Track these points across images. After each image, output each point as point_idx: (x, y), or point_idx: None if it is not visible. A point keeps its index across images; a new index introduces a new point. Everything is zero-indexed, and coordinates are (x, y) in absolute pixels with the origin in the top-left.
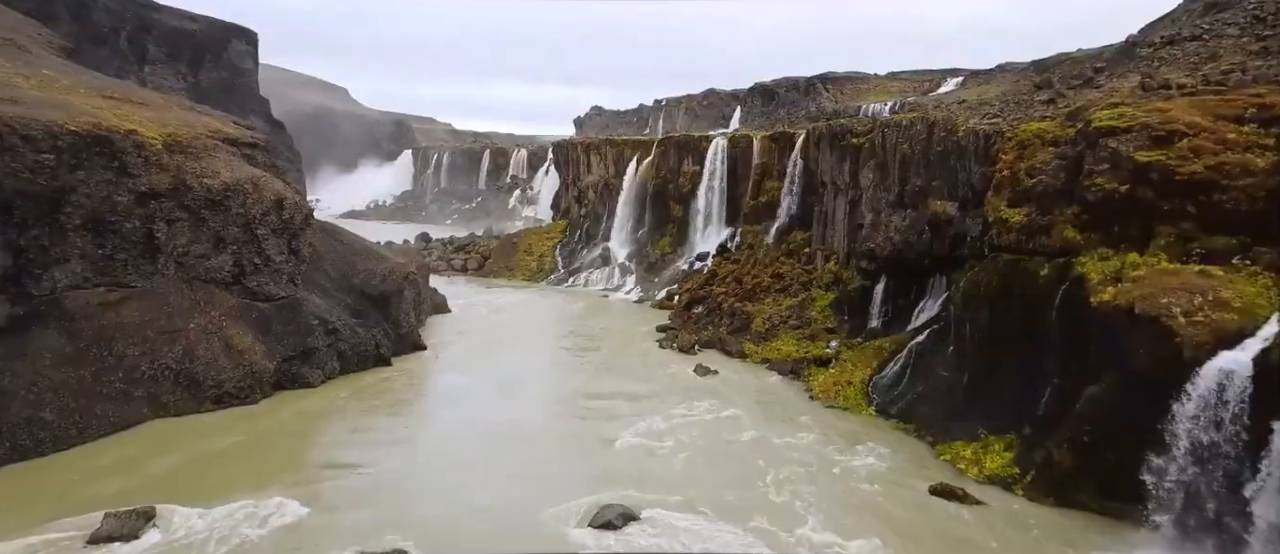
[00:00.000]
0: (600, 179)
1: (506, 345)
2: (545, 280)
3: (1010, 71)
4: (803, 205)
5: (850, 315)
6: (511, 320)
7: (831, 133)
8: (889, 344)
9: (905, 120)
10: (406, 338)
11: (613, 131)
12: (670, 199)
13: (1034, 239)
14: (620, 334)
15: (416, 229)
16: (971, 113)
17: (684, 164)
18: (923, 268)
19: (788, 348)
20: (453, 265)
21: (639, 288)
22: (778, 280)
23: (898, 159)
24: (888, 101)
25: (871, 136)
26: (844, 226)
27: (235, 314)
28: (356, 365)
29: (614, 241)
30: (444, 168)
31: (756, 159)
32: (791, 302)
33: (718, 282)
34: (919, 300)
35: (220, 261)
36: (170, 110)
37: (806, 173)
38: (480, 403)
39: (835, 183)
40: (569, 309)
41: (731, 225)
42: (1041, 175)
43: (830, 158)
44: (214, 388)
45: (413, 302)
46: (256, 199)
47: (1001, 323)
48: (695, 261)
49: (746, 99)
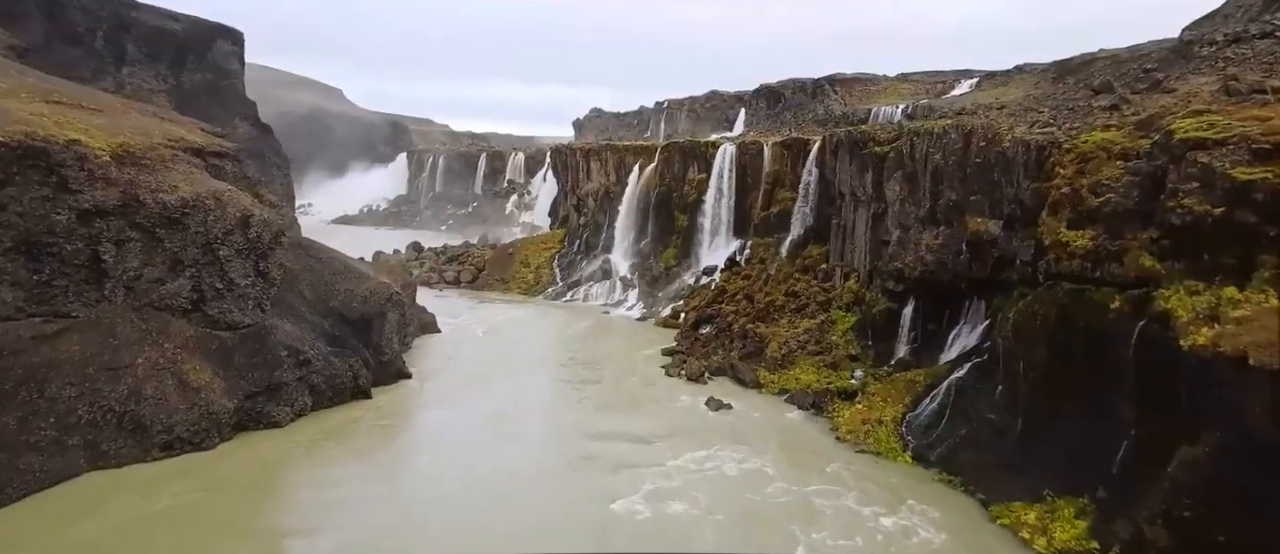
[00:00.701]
0: (600, 186)
1: (499, 372)
2: (542, 294)
3: (1029, 73)
4: (819, 217)
5: (875, 340)
6: (505, 342)
7: (851, 140)
8: (922, 377)
9: (937, 128)
10: (389, 365)
11: (612, 134)
12: (675, 208)
13: (1102, 266)
14: (623, 358)
15: (410, 235)
16: (1015, 120)
17: (689, 171)
18: (958, 291)
19: (807, 377)
20: (445, 277)
21: (642, 303)
22: (793, 299)
23: (929, 170)
24: (899, 104)
25: (897, 145)
26: (865, 242)
27: (192, 346)
28: (331, 399)
29: (615, 253)
30: (439, 171)
31: (767, 167)
32: (809, 324)
33: (727, 299)
34: (952, 326)
35: (177, 286)
36: (128, 116)
37: (823, 182)
38: (466, 446)
39: (855, 194)
40: (567, 328)
41: (741, 237)
42: (1110, 193)
43: (850, 167)
44: (163, 432)
45: (397, 325)
46: (219, 216)
47: (1062, 361)
48: (702, 276)
49: (751, 101)
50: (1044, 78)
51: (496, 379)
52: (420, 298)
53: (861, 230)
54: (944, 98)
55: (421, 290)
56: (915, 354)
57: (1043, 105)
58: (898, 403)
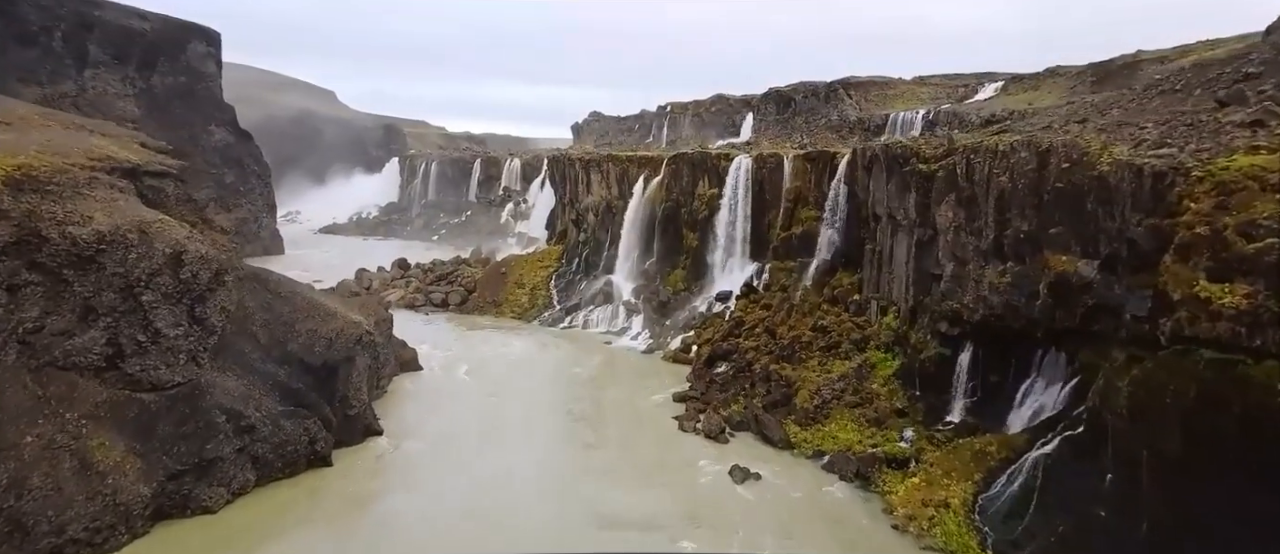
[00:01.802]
0: (602, 200)
1: (485, 427)
2: (538, 318)
3: (1063, 75)
4: (848, 241)
5: (924, 391)
6: (494, 385)
7: (889, 155)
8: (994, 447)
9: (1002, 144)
10: (356, 421)
11: (612, 138)
12: (683, 226)
13: (1264, 333)
14: (629, 408)
15: (400, 245)
16: (1109, 135)
17: (699, 185)
18: (1030, 339)
19: (847, 435)
20: (432, 299)
21: (648, 332)
22: (821, 335)
23: (993, 195)
24: (919, 109)
25: (949, 163)
26: (907, 273)
27: (104, 414)
28: (281, 470)
29: (618, 274)
30: (432, 178)
31: (788, 182)
32: (843, 367)
33: (745, 332)
34: (1021, 379)
35: (87, 340)
36: (46, 130)
37: (852, 202)
38: (441, 535)
39: (893, 217)
40: (565, 366)
41: (758, 260)
42: (1272, 237)
43: (887, 186)
44: (51, 534)
45: (368, 370)
46: (144, 253)
47: (1206, 452)
48: (714, 303)
49: (759, 105)
50: (1081, 81)
51: (482, 439)
52: (405, 322)
53: (902, 259)
54: (968, 103)
55: (406, 314)
56: (976, 411)
57: (1142, 119)
58: (964, 478)
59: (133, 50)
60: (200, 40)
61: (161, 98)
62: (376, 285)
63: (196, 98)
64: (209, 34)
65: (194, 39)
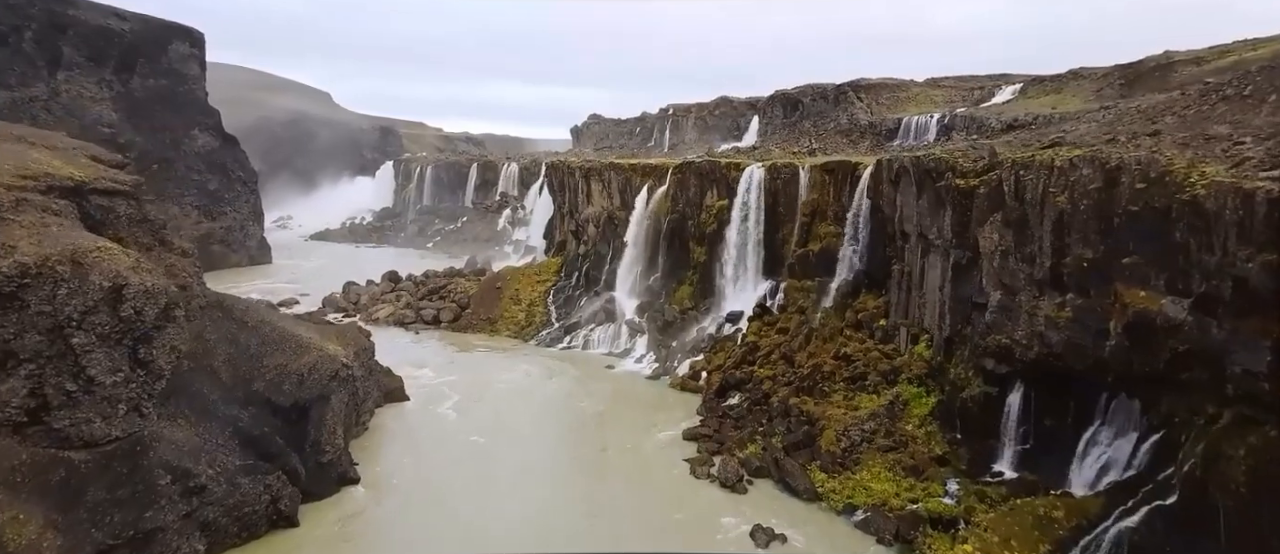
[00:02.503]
0: (603, 211)
1: (475, 474)
2: (535, 338)
3: (1087, 78)
4: (872, 260)
5: (967, 436)
6: (486, 419)
7: (920, 168)
8: (1062, 513)
9: (1059, 159)
10: (329, 469)
11: (612, 142)
12: (690, 239)
13: None
14: (635, 450)
15: (393, 253)
16: (1194, 151)
17: (707, 196)
18: (1096, 381)
19: (881, 486)
20: (423, 316)
21: (653, 354)
22: (845, 365)
23: (1049, 217)
24: (933, 112)
25: (991, 178)
26: (943, 299)
27: (21, 480)
28: (237, 536)
29: (620, 290)
30: (427, 182)
31: (804, 195)
32: (873, 402)
33: (759, 358)
34: (1083, 427)
35: (5, 391)
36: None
37: (877, 217)
38: None
39: (925, 236)
40: (564, 395)
41: (771, 277)
42: None
43: (917, 202)
44: None
45: (346, 408)
46: (76, 288)
47: None
48: (724, 323)
49: (765, 108)
50: (1108, 84)
51: (470, 491)
52: (394, 341)
53: (935, 282)
54: (985, 106)
55: (396, 332)
56: (1029, 462)
57: (1219, 130)
58: (1027, 549)
59: (110, 51)
60: (183, 41)
61: (141, 101)
62: (365, 300)
63: (179, 101)
64: (192, 34)
65: (176, 39)
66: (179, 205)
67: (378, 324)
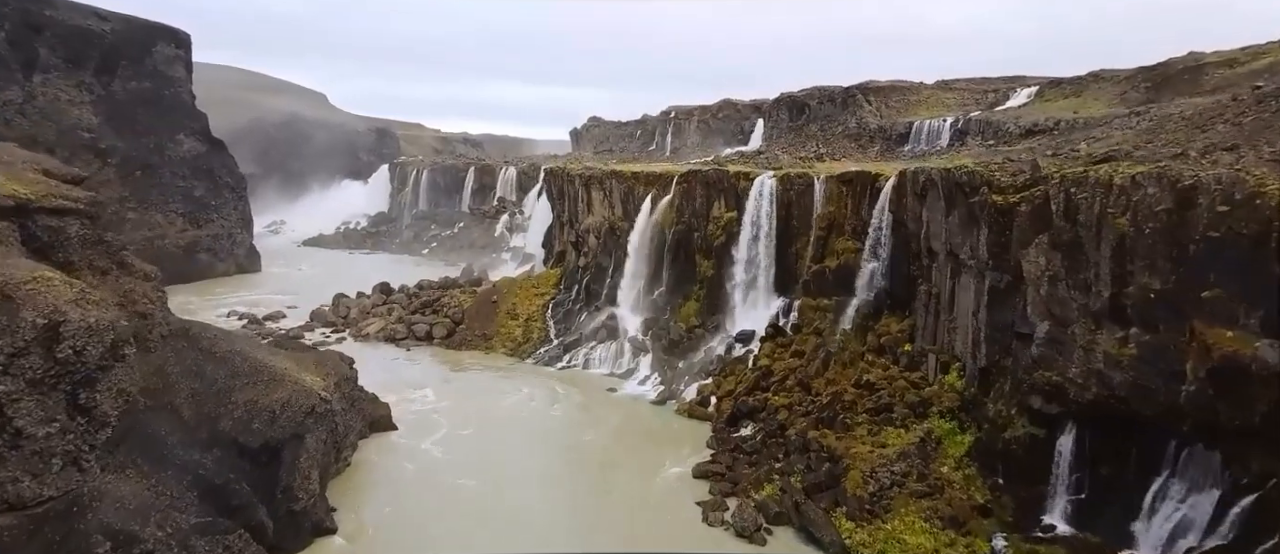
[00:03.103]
0: (604, 221)
1: (465, 522)
2: (532, 355)
3: (1109, 80)
4: (895, 278)
5: (1011, 481)
6: (479, 452)
7: (950, 182)
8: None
9: (1118, 175)
10: (303, 517)
11: (613, 145)
12: (696, 252)
13: None
14: (641, 490)
15: (388, 260)
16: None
17: (714, 206)
18: (1167, 427)
19: (918, 539)
20: (415, 332)
21: (657, 376)
22: (868, 394)
23: (1108, 241)
24: (946, 116)
25: (1035, 195)
26: (976, 324)
27: None
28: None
29: (622, 305)
30: (423, 186)
31: (820, 207)
32: (901, 439)
33: (774, 384)
34: (1148, 477)
35: None
36: None
37: (899, 232)
38: None
39: (956, 255)
40: (563, 423)
41: (784, 295)
42: None
43: (946, 218)
44: None
45: (322, 448)
46: (4, 326)
47: None
48: (734, 343)
49: (770, 111)
50: (1133, 87)
51: (461, 545)
52: (384, 358)
53: (968, 306)
54: (1000, 110)
55: (386, 349)
56: (1085, 516)
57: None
58: None
59: (90, 53)
60: (168, 42)
61: (123, 104)
62: (355, 314)
63: (163, 104)
64: (178, 35)
65: (161, 41)
66: (163, 213)
67: (368, 340)
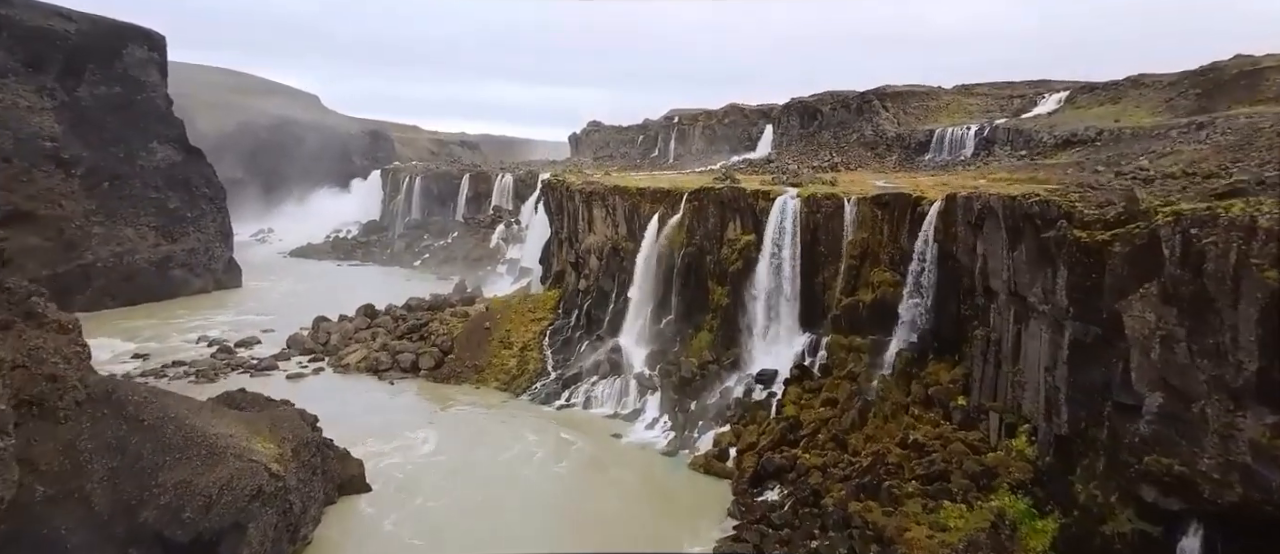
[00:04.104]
0: (607, 241)
1: None
2: (528, 390)
3: (1151, 85)
4: (942, 318)
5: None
6: (466, 523)
7: (1014, 211)
8: None
9: (1263, 216)
10: None
11: (613, 150)
12: (709, 277)
13: None
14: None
15: (377, 272)
16: None
17: (729, 227)
18: None
19: None
20: (399, 362)
21: (667, 419)
22: (917, 456)
23: (1253, 300)
24: (969, 124)
25: (1134, 232)
26: (1050, 382)
27: None
28: None
29: (627, 336)
30: (416, 194)
31: (851, 232)
32: (965, 520)
33: (804, 438)
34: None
35: None
36: None
37: (946, 265)
38: None
39: (1021, 297)
40: (563, 489)
41: (811, 330)
42: None
43: (1009, 253)
44: None
45: (273, 535)
46: None
47: None
48: (754, 384)
49: (780, 117)
50: (1179, 93)
51: None
52: (365, 392)
53: (1039, 358)
54: (1027, 117)
55: (368, 382)
56: None
57: None
58: None
59: (52, 56)
60: (140, 44)
61: (90, 111)
62: (335, 340)
63: (135, 110)
64: (152, 37)
65: (132, 42)
66: (134, 227)
67: (348, 371)
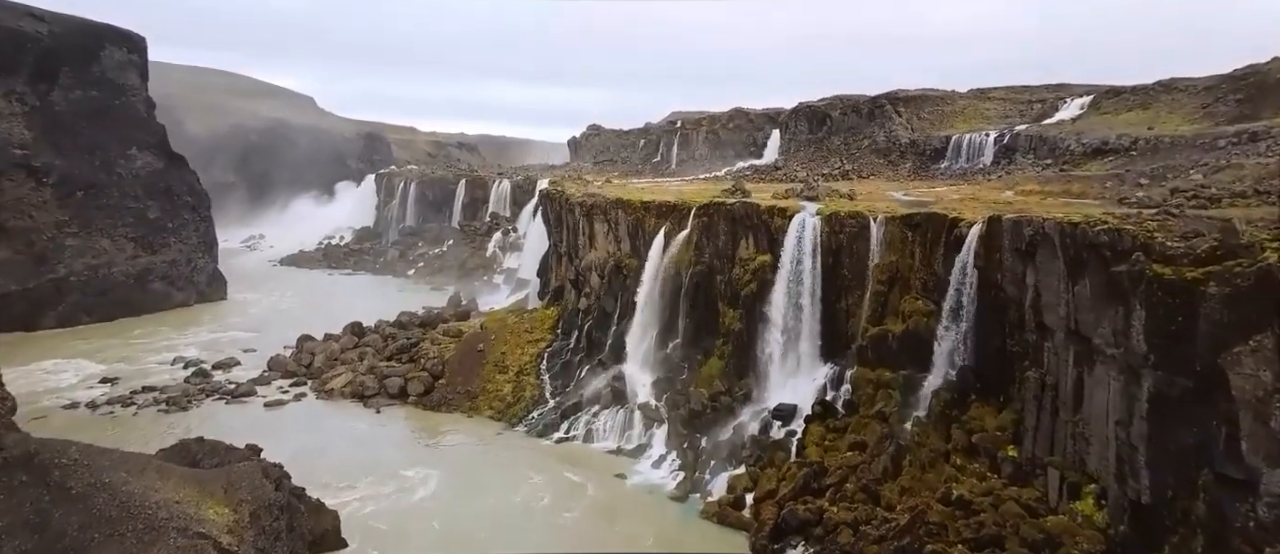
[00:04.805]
0: (609, 257)
1: None
2: (524, 420)
3: (1185, 90)
4: (983, 354)
5: None
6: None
7: (1076, 239)
8: None
9: None
10: None
11: (614, 154)
12: (720, 299)
13: None
14: None
15: (369, 282)
16: None
17: (741, 246)
18: None
19: None
20: (387, 388)
21: (675, 456)
22: (964, 515)
23: None
24: (988, 130)
25: (1235, 273)
26: (1123, 437)
27: None
28: None
29: (631, 361)
30: (411, 200)
31: (877, 255)
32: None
33: (830, 487)
34: None
35: None
36: None
37: (989, 294)
38: None
39: (1084, 337)
40: (565, 537)
41: (834, 361)
42: None
43: (1068, 287)
44: None
45: None
46: None
47: None
48: (772, 421)
49: (787, 122)
50: (1217, 98)
51: None
52: (350, 420)
53: (1108, 410)
54: (1049, 123)
55: (353, 408)
56: None
57: None
58: None
59: (22, 59)
60: (118, 45)
61: (64, 117)
62: (320, 362)
63: (113, 116)
64: (131, 38)
65: (109, 44)
66: (110, 238)
67: (332, 396)
